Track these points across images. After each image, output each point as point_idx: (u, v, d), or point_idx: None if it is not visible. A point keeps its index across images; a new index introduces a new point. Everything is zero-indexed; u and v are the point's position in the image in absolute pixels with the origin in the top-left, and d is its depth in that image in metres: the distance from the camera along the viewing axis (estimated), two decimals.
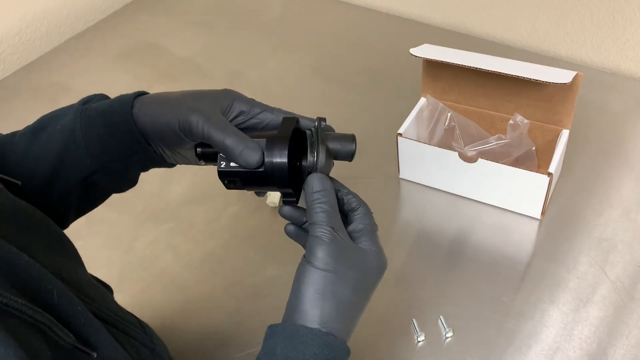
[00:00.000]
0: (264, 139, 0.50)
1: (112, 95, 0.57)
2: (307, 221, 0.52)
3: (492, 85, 0.84)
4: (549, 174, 0.75)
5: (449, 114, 0.86)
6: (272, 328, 0.47)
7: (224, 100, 0.54)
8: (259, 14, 1.33)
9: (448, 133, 0.86)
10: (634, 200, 0.83)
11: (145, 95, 0.56)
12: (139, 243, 0.86)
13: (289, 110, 0.56)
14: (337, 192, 0.51)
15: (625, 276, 0.74)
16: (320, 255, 0.46)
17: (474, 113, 0.88)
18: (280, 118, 0.54)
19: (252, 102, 0.55)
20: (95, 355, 0.42)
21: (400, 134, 0.84)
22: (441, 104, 0.86)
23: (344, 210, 0.51)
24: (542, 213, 0.81)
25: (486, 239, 0.81)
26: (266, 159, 0.49)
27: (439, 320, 0.72)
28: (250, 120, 0.55)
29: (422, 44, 0.85)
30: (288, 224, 0.53)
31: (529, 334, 0.70)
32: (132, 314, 0.58)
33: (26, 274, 0.40)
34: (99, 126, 0.54)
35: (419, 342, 0.71)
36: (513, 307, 0.73)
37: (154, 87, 1.15)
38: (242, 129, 0.52)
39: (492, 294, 0.74)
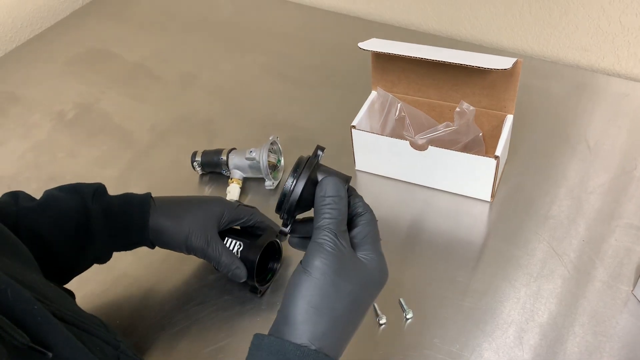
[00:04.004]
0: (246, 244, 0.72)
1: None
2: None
3: (439, 75, 0.87)
4: (496, 157, 0.79)
5: (399, 105, 0.89)
6: (258, 339, 0.44)
7: (217, 209, 0.71)
8: (208, 16, 1.34)
9: (399, 123, 0.89)
10: (576, 179, 0.88)
11: (156, 211, 0.69)
12: None
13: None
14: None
15: (571, 250, 0.78)
16: (319, 264, 0.43)
17: (423, 103, 0.91)
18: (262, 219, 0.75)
19: (239, 213, 0.73)
20: (50, 355, 0.41)
21: (354, 127, 0.86)
22: (391, 95, 0.89)
23: (349, 214, 0.49)
24: (492, 195, 0.85)
25: (440, 223, 0.84)
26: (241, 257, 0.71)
27: (399, 303, 0.74)
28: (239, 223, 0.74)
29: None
30: (290, 236, 0.52)
31: (485, 310, 0.73)
32: (93, 315, 0.58)
33: None
34: (119, 231, 0.68)
35: (381, 325, 0.73)
36: (469, 286, 0.76)
37: (106, 93, 1.14)
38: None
39: (448, 274, 0.77)
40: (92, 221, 0.65)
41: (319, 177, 0.48)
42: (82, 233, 0.65)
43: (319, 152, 0.50)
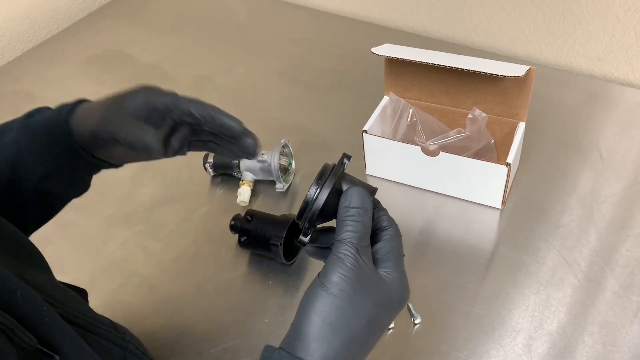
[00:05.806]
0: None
1: None
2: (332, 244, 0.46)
3: (451, 81, 0.87)
4: (507, 164, 0.79)
5: (411, 110, 0.89)
6: (269, 352, 0.42)
7: (126, 93, 0.58)
8: (223, 19, 1.35)
9: (410, 129, 0.89)
10: (588, 188, 0.87)
11: (82, 106, 0.59)
12: (109, 246, 0.86)
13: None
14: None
15: (582, 259, 0.78)
16: (337, 280, 0.41)
17: (435, 109, 0.91)
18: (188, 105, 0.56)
19: (155, 96, 0.57)
20: (57, 358, 0.41)
21: (365, 131, 0.86)
22: (403, 100, 0.89)
23: (372, 227, 0.46)
24: (503, 203, 0.85)
25: (451, 230, 0.84)
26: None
27: (408, 308, 0.74)
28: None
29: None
30: (308, 245, 0.49)
31: (494, 318, 0.73)
32: (102, 316, 0.59)
33: None
34: (42, 138, 0.56)
35: (388, 330, 0.73)
36: (478, 293, 0.76)
37: None
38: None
39: (458, 280, 0.77)
40: (21, 144, 0.56)
41: (344, 187, 0.46)
42: (15, 165, 0.56)
43: (345, 161, 0.48)
